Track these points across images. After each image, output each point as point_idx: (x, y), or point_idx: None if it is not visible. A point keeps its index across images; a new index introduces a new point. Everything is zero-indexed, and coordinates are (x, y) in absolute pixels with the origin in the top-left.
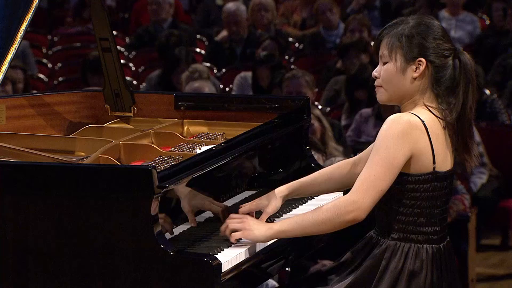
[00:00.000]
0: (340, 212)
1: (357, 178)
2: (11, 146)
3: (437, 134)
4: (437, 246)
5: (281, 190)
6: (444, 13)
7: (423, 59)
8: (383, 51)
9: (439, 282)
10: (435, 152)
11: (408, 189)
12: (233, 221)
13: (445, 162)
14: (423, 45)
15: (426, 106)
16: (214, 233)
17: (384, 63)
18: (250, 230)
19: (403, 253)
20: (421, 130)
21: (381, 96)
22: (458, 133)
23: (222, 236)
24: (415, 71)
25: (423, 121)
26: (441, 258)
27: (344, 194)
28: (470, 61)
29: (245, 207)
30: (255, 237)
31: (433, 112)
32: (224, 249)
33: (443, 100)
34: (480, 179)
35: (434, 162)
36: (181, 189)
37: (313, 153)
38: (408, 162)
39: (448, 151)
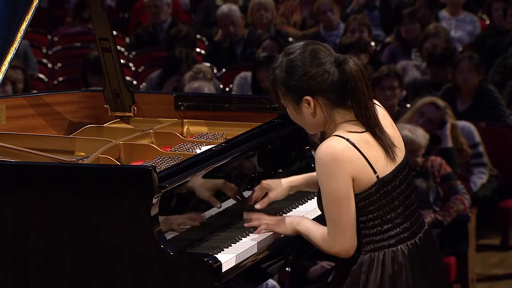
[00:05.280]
0: (332, 251)
1: None
2: (11, 146)
3: (367, 143)
4: (412, 241)
5: (291, 180)
6: (444, 13)
7: (307, 97)
8: (277, 101)
9: (422, 277)
10: (371, 162)
11: (361, 207)
12: (252, 220)
13: (386, 164)
14: (299, 86)
15: (345, 122)
16: (214, 233)
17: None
18: (273, 225)
19: (379, 261)
20: (349, 148)
21: (307, 131)
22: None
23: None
24: (309, 108)
25: (347, 139)
26: (419, 253)
27: None
28: (353, 64)
29: (255, 193)
30: (280, 232)
31: (352, 129)
32: (224, 249)
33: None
34: (480, 179)
35: (375, 172)
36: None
37: (313, 153)
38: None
39: (386, 152)
